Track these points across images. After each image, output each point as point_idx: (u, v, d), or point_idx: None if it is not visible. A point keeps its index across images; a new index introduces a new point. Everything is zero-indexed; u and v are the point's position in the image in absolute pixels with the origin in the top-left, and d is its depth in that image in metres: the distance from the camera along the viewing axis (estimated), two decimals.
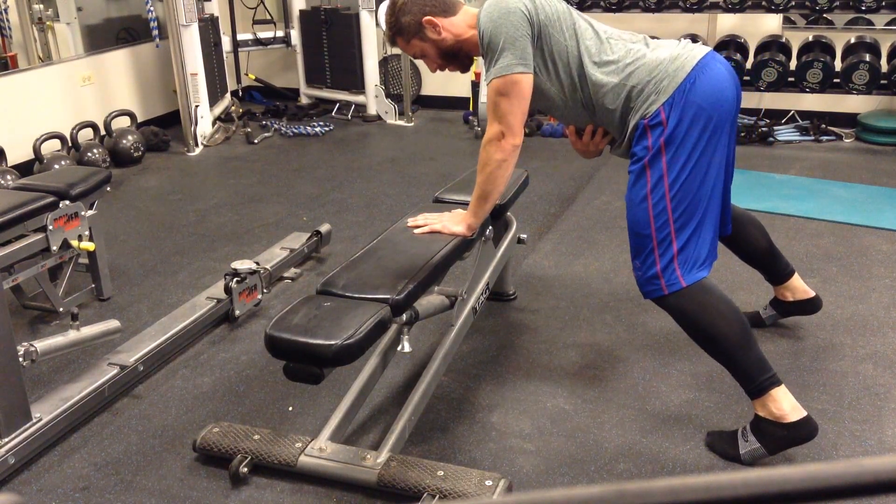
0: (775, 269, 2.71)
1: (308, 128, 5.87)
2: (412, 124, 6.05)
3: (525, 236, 3.13)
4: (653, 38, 2.25)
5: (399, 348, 2.21)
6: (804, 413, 2.13)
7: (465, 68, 2.37)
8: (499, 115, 2.16)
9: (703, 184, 2.08)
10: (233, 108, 6.07)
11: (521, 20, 2.08)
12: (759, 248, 2.64)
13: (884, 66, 4.91)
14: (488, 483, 2.00)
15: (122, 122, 5.22)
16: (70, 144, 4.80)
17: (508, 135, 2.17)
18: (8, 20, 5.06)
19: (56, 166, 4.48)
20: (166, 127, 5.69)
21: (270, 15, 6.51)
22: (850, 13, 5.20)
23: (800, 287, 2.74)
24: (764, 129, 5.24)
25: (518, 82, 2.12)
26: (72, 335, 2.57)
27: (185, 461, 2.27)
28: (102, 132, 5.07)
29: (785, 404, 2.12)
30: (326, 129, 5.90)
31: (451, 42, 2.27)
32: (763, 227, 2.65)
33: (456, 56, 2.32)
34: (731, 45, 5.24)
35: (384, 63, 6.37)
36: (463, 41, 2.27)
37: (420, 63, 6.35)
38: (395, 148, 5.52)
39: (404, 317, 2.13)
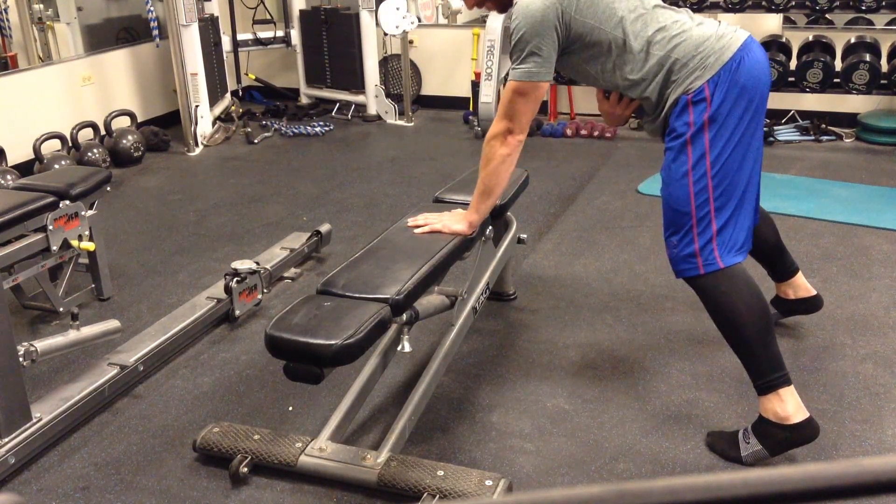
0: (781, 265, 2.71)
1: (308, 128, 5.87)
2: (412, 124, 6.04)
3: (525, 236, 3.12)
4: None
5: (399, 348, 2.21)
6: (807, 414, 2.13)
7: (503, 8, 2.32)
8: (511, 113, 2.19)
9: (743, 165, 2.08)
10: (233, 107, 6.07)
11: (550, 30, 2.08)
12: (768, 243, 2.64)
13: (884, 66, 4.91)
14: (488, 483, 2.00)
15: (122, 122, 5.23)
16: (70, 144, 4.80)
17: (517, 131, 2.21)
18: (8, 20, 5.07)
19: (56, 166, 4.48)
20: (166, 127, 5.69)
21: (270, 15, 6.51)
22: (850, 13, 5.20)
23: (802, 285, 2.74)
24: (764, 128, 5.23)
25: (539, 88, 2.16)
26: (72, 335, 2.57)
27: (185, 461, 2.27)
28: (102, 132, 5.07)
29: (790, 405, 2.12)
30: (326, 129, 5.90)
31: None
32: (773, 223, 2.65)
33: None
34: None
35: (384, 63, 6.37)
36: None
37: (420, 62, 6.37)
38: (395, 148, 5.52)
39: (404, 317, 2.13)
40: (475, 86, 5.69)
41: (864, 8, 4.93)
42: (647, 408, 2.44)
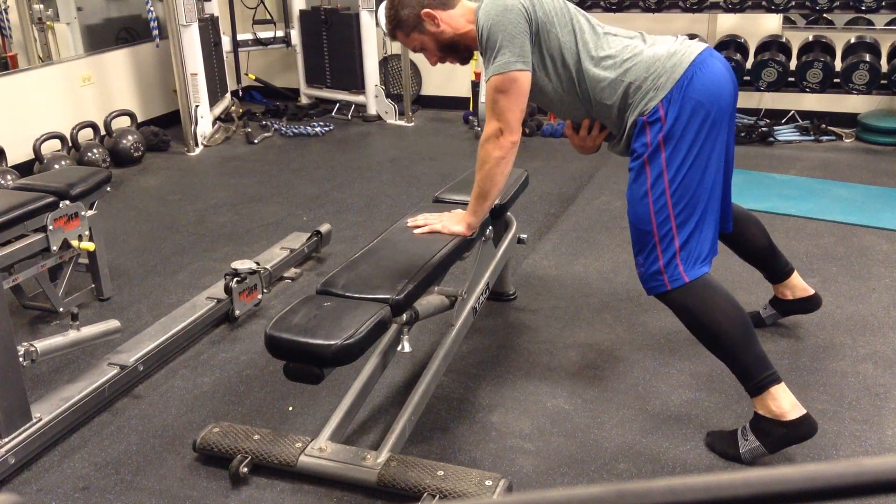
0: (775, 267, 2.71)
1: (308, 128, 5.87)
2: (412, 124, 6.04)
3: (525, 236, 3.13)
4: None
5: (399, 348, 2.21)
6: (803, 411, 2.13)
7: (464, 61, 2.38)
8: (497, 112, 2.18)
9: (703, 179, 2.09)
10: (233, 108, 6.07)
11: (519, 17, 2.09)
12: (759, 246, 2.64)
13: (884, 66, 4.91)
14: (488, 483, 2.00)
15: (122, 122, 5.23)
16: (70, 144, 4.80)
17: (507, 132, 2.19)
18: (8, 20, 5.06)
19: (56, 166, 4.48)
20: (166, 127, 5.69)
21: (270, 15, 6.51)
22: (850, 13, 5.20)
23: (799, 285, 2.75)
24: (764, 129, 5.24)
25: (517, 80, 2.13)
26: (72, 335, 2.57)
27: (185, 461, 2.27)
28: (102, 132, 5.07)
29: (784, 402, 2.12)
30: (326, 129, 5.90)
31: (450, 35, 2.28)
32: (763, 226, 2.66)
33: (455, 49, 2.33)
34: (731, 45, 5.24)
35: (384, 63, 6.37)
36: (462, 34, 2.28)
37: (420, 62, 6.36)
38: (395, 148, 5.52)
39: (404, 317, 2.13)
40: (475, 86, 5.69)
41: (864, 8, 4.92)
42: (647, 408, 2.45)
